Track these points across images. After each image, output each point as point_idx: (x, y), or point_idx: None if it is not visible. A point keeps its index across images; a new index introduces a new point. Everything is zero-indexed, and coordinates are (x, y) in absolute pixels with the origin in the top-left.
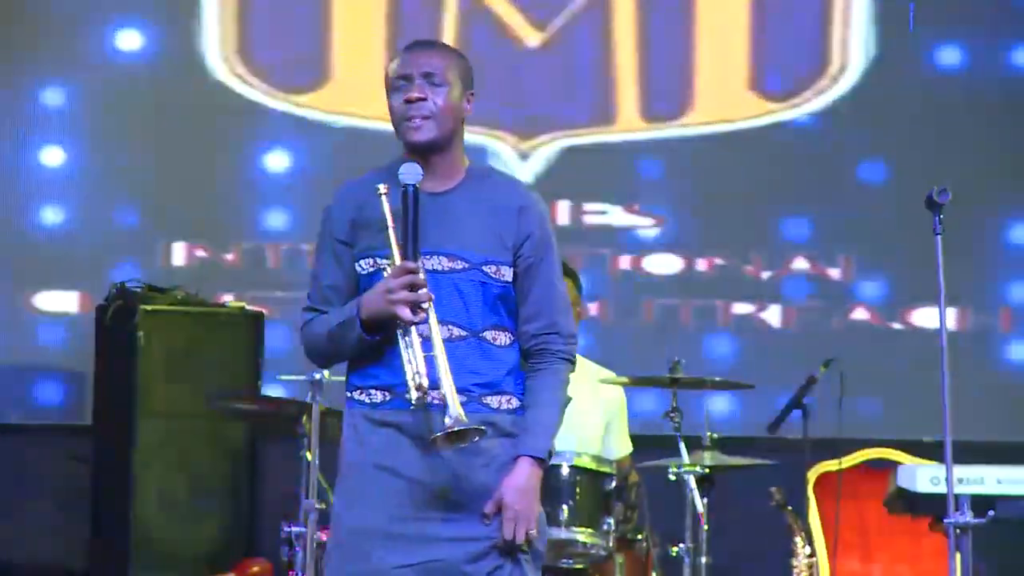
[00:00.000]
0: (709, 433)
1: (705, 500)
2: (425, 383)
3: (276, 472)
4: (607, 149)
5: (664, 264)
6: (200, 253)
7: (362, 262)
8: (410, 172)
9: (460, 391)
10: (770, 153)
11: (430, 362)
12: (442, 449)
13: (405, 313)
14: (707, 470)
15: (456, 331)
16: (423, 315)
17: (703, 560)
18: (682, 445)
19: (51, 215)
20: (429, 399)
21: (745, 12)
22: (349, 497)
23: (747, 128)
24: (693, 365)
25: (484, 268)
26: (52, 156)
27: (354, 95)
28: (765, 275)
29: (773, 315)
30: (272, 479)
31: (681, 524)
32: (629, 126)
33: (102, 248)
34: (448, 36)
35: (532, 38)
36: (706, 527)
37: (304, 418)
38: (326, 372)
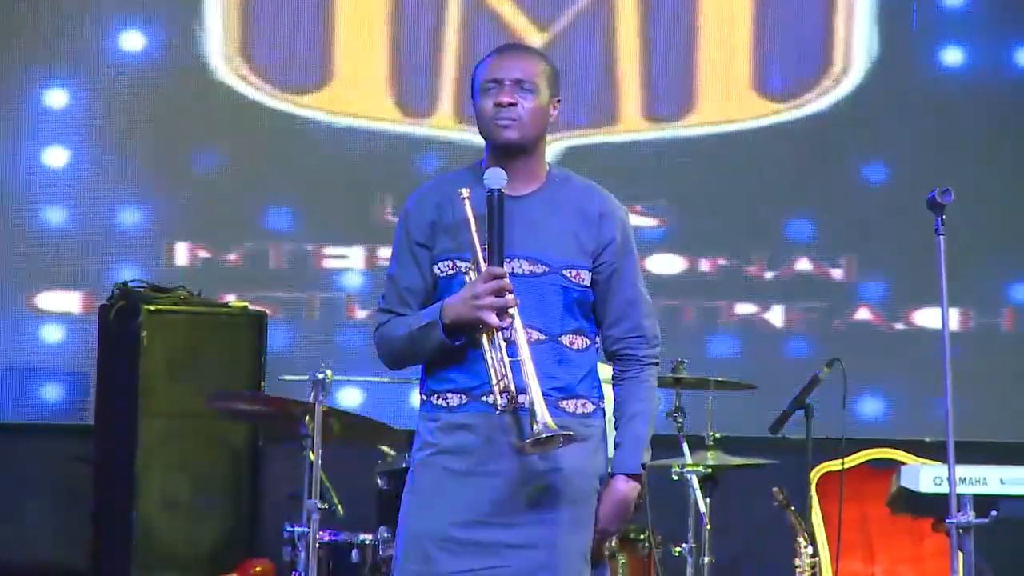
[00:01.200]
0: (712, 433)
1: (708, 500)
2: (513, 388)
3: (278, 472)
4: (610, 150)
5: (667, 264)
6: (202, 253)
7: (441, 264)
8: (495, 177)
9: None
10: (773, 154)
11: (516, 367)
12: (528, 455)
13: (492, 319)
14: (710, 470)
15: (535, 335)
16: (509, 320)
17: (705, 560)
18: (685, 445)
19: (54, 215)
20: (516, 404)
21: (748, 12)
22: (416, 497)
23: (750, 129)
24: (696, 365)
25: (564, 272)
26: (55, 156)
27: (356, 95)
28: (768, 275)
29: (776, 315)
30: (274, 479)
31: (684, 524)
32: (632, 127)
33: (104, 248)
34: (450, 37)
35: (535, 39)
36: (709, 527)
37: (307, 418)
38: (329, 372)
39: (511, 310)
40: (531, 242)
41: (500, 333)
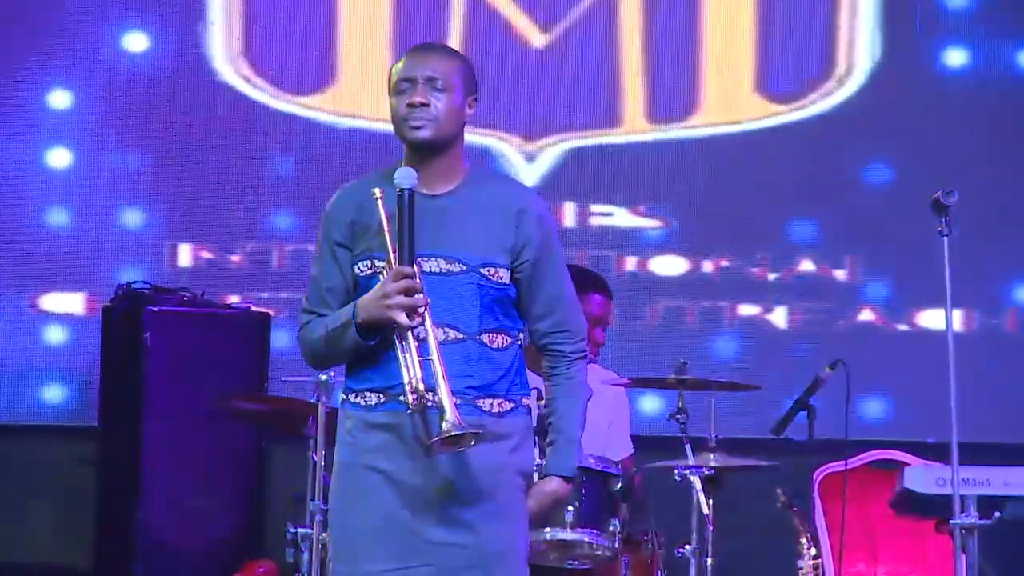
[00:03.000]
0: (715, 434)
1: (711, 501)
2: (422, 387)
3: (282, 473)
4: (613, 151)
5: (670, 265)
6: (206, 254)
7: (360, 264)
8: (405, 176)
9: (455, 394)
10: (776, 155)
11: (426, 366)
12: (438, 453)
13: (401, 318)
14: (712, 471)
15: (453, 333)
16: (419, 320)
17: (708, 561)
18: (688, 446)
19: (57, 216)
20: (426, 403)
21: (751, 14)
22: (341, 498)
23: (753, 130)
24: (699, 366)
25: (482, 270)
26: (58, 158)
27: (359, 97)
28: (771, 276)
29: (779, 316)
30: (278, 480)
31: (687, 525)
32: (635, 128)
33: (108, 249)
34: (454, 38)
35: (538, 40)
36: (711, 528)
37: (310, 419)
38: (331, 372)
39: (420, 309)
40: (448, 240)
41: (411, 332)
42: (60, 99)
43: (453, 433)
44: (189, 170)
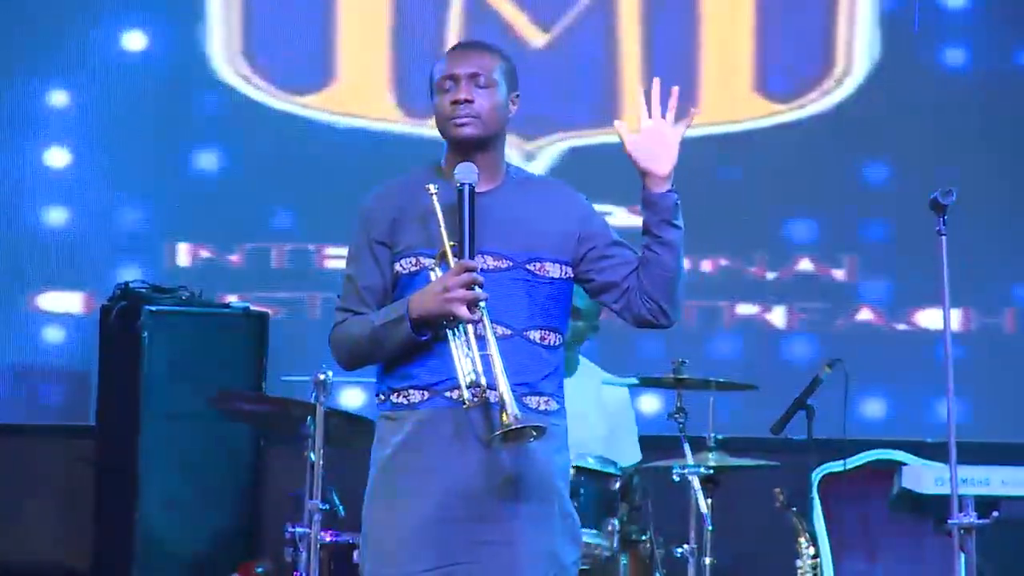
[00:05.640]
0: (713, 434)
1: (709, 501)
2: (483, 382)
3: (280, 473)
4: (611, 150)
5: None
6: (204, 253)
7: (403, 262)
8: (466, 171)
9: None
10: (775, 154)
11: (486, 361)
12: (497, 448)
13: (463, 311)
14: (711, 471)
15: (501, 330)
16: (479, 314)
17: (707, 561)
18: (686, 446)
19: (55, 215)
20: (486, 398)
21: (750, 13)
22: (380, 500)
23: (751, 129)
24: (697, 366)
25: (528, 267)
26: (57, 157)
27: (358, 96)
28: (770, 276)
29: (777, 316)
30: (276, 480)
31: (685, 525)
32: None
33: (106, 248)
34: (452, 37)
35: (537, 39)
36: (710, 528)
37: (308, 419)
38: (330, 373)
39: (481, 303)
40: (494, 237)
41: (469, 327)
42: (58, 98)
43: (515, 427)
44: (188, 169)
